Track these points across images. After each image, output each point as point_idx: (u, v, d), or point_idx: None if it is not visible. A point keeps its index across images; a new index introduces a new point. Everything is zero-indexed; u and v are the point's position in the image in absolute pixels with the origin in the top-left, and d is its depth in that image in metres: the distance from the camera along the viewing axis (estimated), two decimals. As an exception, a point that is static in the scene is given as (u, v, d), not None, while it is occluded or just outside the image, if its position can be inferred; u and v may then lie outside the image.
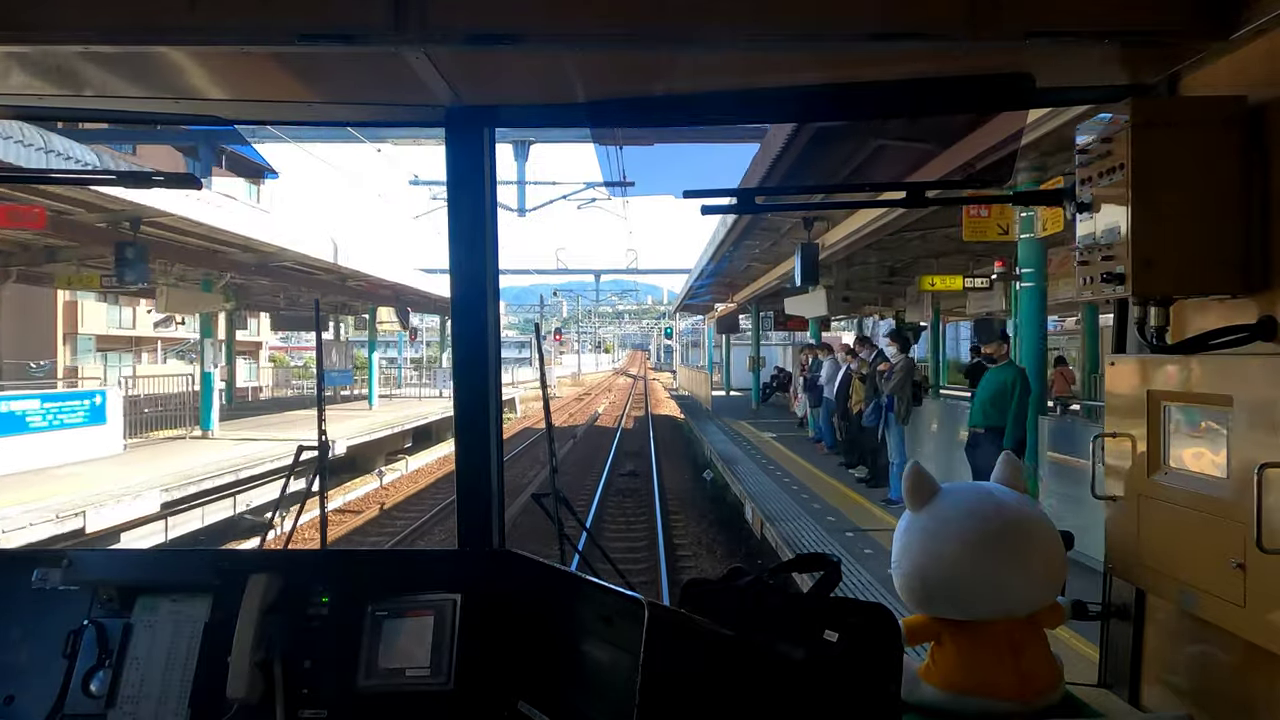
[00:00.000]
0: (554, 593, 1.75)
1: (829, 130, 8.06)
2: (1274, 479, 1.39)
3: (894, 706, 1.46)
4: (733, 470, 13.89)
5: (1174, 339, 1.76)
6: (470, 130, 2.02)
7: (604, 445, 23.82)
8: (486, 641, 1.78)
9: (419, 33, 1.56)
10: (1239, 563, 1.48)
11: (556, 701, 1.63)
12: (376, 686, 1.75)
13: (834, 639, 1.48)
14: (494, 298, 2.09)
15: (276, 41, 1.59)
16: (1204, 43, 1.63)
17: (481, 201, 2.04)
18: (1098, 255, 1.72)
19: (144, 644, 1.81)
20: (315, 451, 2.30)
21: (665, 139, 15.88)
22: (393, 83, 1.87)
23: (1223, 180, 1.60)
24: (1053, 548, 1.77)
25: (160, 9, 1.55)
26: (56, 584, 1.88)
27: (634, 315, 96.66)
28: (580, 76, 1.85)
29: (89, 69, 1.76)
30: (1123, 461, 1.84)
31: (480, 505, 2.05)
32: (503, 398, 2.22)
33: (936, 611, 1.76)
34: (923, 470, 1.84)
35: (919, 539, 1.77)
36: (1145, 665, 1.92)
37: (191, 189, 2.00)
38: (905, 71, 1.85)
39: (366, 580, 1.87)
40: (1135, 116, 1.62)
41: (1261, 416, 1.47)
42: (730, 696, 1.49)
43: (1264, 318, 1.57)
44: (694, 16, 1.58)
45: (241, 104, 2.05)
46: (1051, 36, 1.58)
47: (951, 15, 1.56)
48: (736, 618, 1.57)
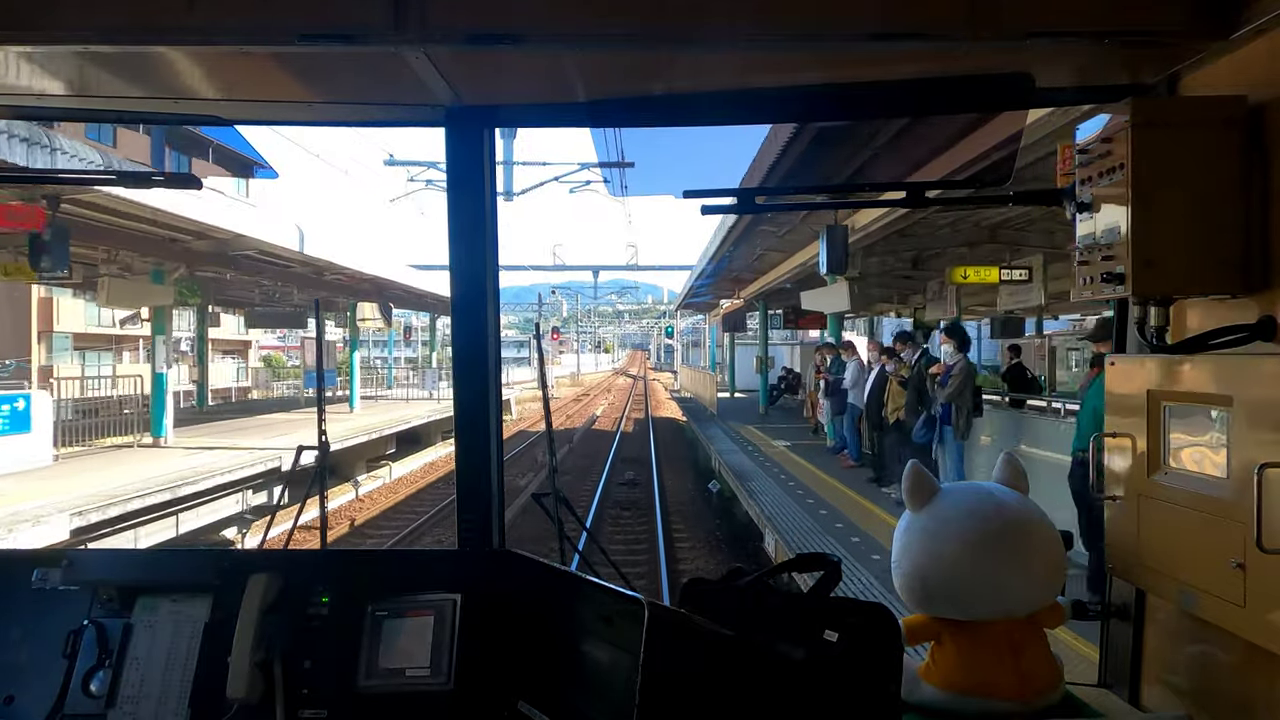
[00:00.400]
0: (554, 593, 1.75)
1: (829, 130, 8.07)
2: (1274, 479, 1.39)
3: (894, 706, 1.46)
4: (747, 488, 12.06)
5: (1174, 339, 1.76)
6: (470, 130, 2.02)
7: (602, 450, 22.61)
8: (486, 641, 1.78)
9: (419, 33, 1.56)
10: (1239, 563, 1.48)
11: (556, 701, 1.63)
12: (376, 686, 1.75)
13: (834, 639, 1.48)
14: (494, 298, 2.09)
15: (276, 41, 1.59)
16: (1204, 43, 1.63)
17: (482, 201, 2.04)
18: (1098, 255, 1.72)
19: (144, 644, 1.81)
20: (316, 451, 2.30)
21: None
22: (393, 83, 1.87)
23: (1223, 180, 1.60)
24: (1053, 548, 1.77)
25: (160, 9, 1.55)
26: (56, 584, 1.88)
27: (634, 315, 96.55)
28: (580, 76, 1.86)
29: (89, 69, 1.76)
30: (1123, 461, 1.84)
31: (480, 505, 2.05)
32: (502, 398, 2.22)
33: (936, 611, 1.76)
34: (923, 470, 1.84)
35: (919, 539, 1.77)
36: (1145, 665, 1.92)
37: (193, 189, 2.00)
38: (905, 71, 1.85)
39: (366, 580, 1.87)
40: (1135, 116, 1.62)
41: (1261, 416, 1.47)
42: (730, 696, 1.49)
43: (1264, 318, 1.57)
44: (694, 16, 1.58)
45: (241, 104, 2.05)
46: (1051, 36, 1.59)
47: (951, 15, 1.57)
48: (736, 618, 1.57)
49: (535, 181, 22.78)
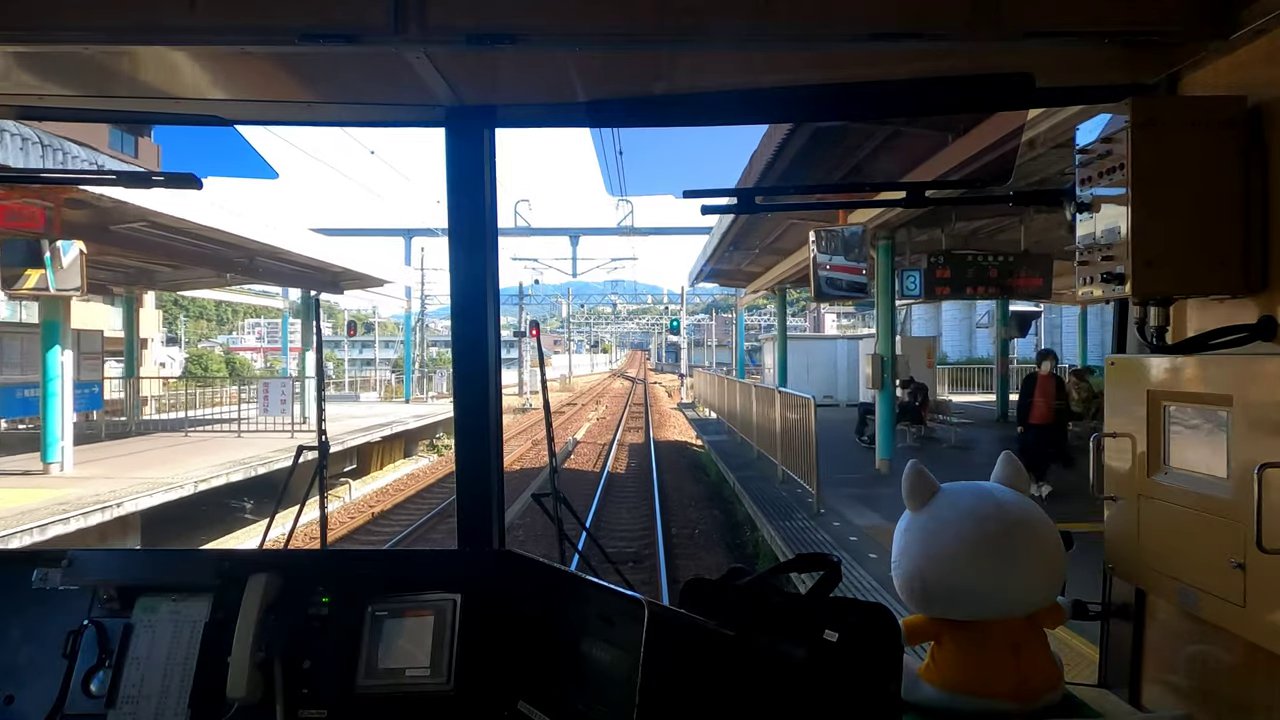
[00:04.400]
0: (554, 593, 1.75)
1: (829, 130, 8.08)
2: (1274, 479, 1.39)
3: (894, 706, 1.46)
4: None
5: (1174, 339, 1.77)
6: (470, 130, 2.02)
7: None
8: (486, 641, 1.78)
9: (419, 33, 1.56)
10: (1239, 563, 1.48)
11: (556, 701, 1.63)
12: (376, 687, 1.76)
13: (834, 639, 1.48)
14: (494, 298, 2.09)
15: (277, 41, 1.59)
16: (1204, 43, 1.63)
17: (481, 202, 2.04)
18: (1098, 255, 1.72)
19: (144, 644, 1.81)
20: (315, 451, 2.30)
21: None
22: (393, 83, 1.87)
23: (1223, 180, 1.60)
24: (1053, 548, 1.77)
25: (161, 9, 1.55)
26: (56, 584, 1.88)
27: (632, 315, 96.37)
28: (580, 76, 1.86)
29: (89, 69, 1.76)
30: (1123, 461, 1.84)
31: (480, 505, 2.05)
32: (502, 398, 2.22)
33: (936, 611, 1.76)
34: (923, 469, 1.84)
35: (919, 539, 1.77)
36: (1145, 665, 1.92)
37: (192, 188, 2.00)
38: (905, 71, 1.85)
39: (366, 580, 1.87)
40: (1135, 116, 1.62)
41: (1261, 416, 1.47)
42: (730, 696, 1.49)
43: (1264, 318, 1.58)
44: (694, 16, 1.58)
45: (241, 104, 2.05)
46: (1051, 36, 1.59)
47: (951, 15, 1.57)
48: (736, 618, 1.57)
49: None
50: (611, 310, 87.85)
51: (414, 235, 32.84)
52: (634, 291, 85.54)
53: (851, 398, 22.28)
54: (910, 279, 12.44)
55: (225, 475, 13.34)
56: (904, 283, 12.54)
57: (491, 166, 2.08)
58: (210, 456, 14.76)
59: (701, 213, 2.10)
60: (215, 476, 13.12)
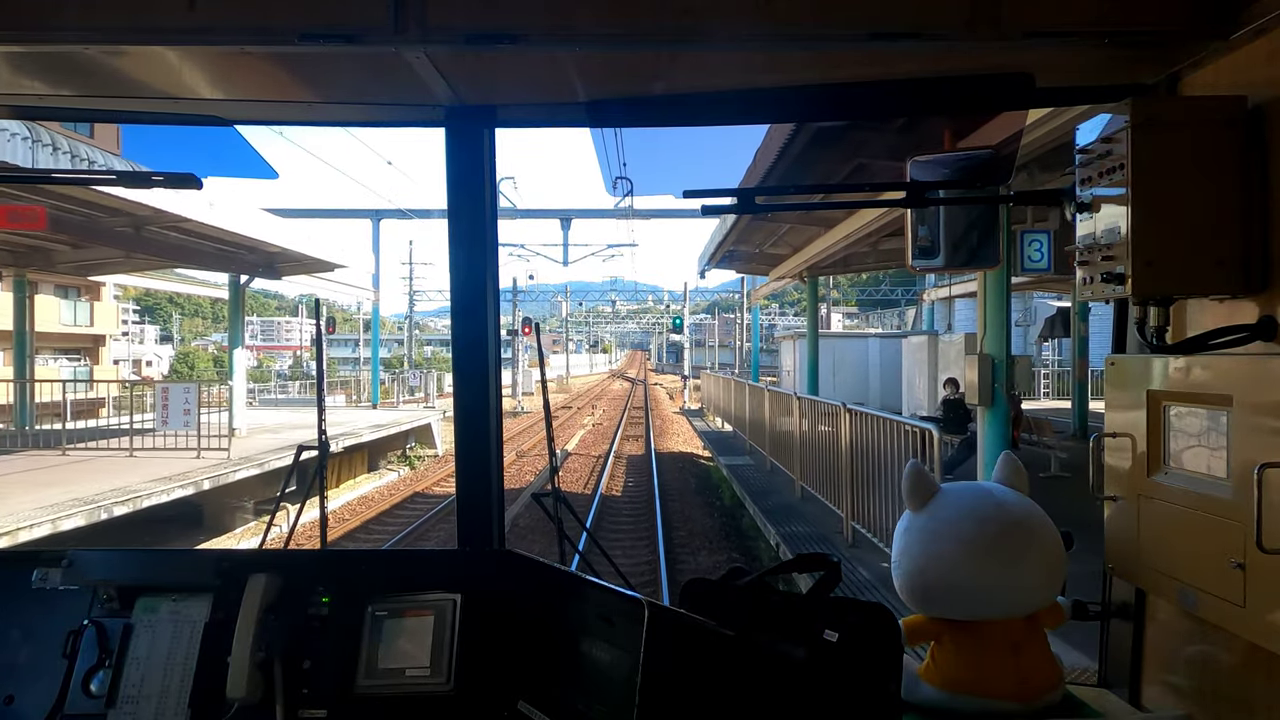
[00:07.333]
0: (554, 593, 1.75)
1: (829, 130, 8.07)
2: (1274, 479, 1.39)
3: (894, 706, 1.46)
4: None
5: (1174, 339, 1.77)
6: (470, 130, 2.02)
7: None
8: (486, 641, 1.78)
9: (419, 33, 1.56)
10: (1239, 563, 1.48)
11: (556, 701, 1.63)
12: (376, 687, 1.76)
13: (834, 639, 1.48)
14: (494, 298, 2.09)
15: (276, 41, 1.59)
16: (1204, 43, 1.63)
17: (482, 202, 2.04)
18: (1098, 255, 1.72)
19: (144, 644, 1.81)
20: (315, 451, 2.30)
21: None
22: (393, 83, 1.87)
23: (1223, 180, 1.60)
24: (1053, 548, 1.77)
25: (160, 9, 1.55)
26: (56, 584, 1.88)
27: (632, 314, 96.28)
28: (580, 76, 1.86)
29: (89, 69, 1.76)
30: (1123, 461, 1.84)
31: (480, 505, 2.05)
32: (502, 397, 2.22)
33: (936, 611, 1.76)
34: (923, 469, 1.84)
35: (919, 539, 1.77)
36: (1145, 665, 1.92)
37: (192, 189, 2.00)
38: (905, 71, 1.85)
39: (366, 580, 1.87)
40: (1135, 116, 1.62)
41: (1261, 416, 1.47)
42: (730, 696, 1.49)
43: (1264, 318, 1.58)
44: (694, 16, 1.58)
45: (241, 104, 2.05)
46: (1051, 36, 1.59)
47: (951, 15, 1.57)
48: (736, 617, 1.57)
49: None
50: (611, 309, 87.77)
51: (382, 217, 29.28)
52: (634, 290, 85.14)
53: (887, 404, 19.49)
54: (1034, 244, 8.41)
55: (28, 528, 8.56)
56: (1024, 249, 8.45)
57: (492, 166, 2.08)
58: (44, 491, 10.31)
59: (702, 213, 2.10)
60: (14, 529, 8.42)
